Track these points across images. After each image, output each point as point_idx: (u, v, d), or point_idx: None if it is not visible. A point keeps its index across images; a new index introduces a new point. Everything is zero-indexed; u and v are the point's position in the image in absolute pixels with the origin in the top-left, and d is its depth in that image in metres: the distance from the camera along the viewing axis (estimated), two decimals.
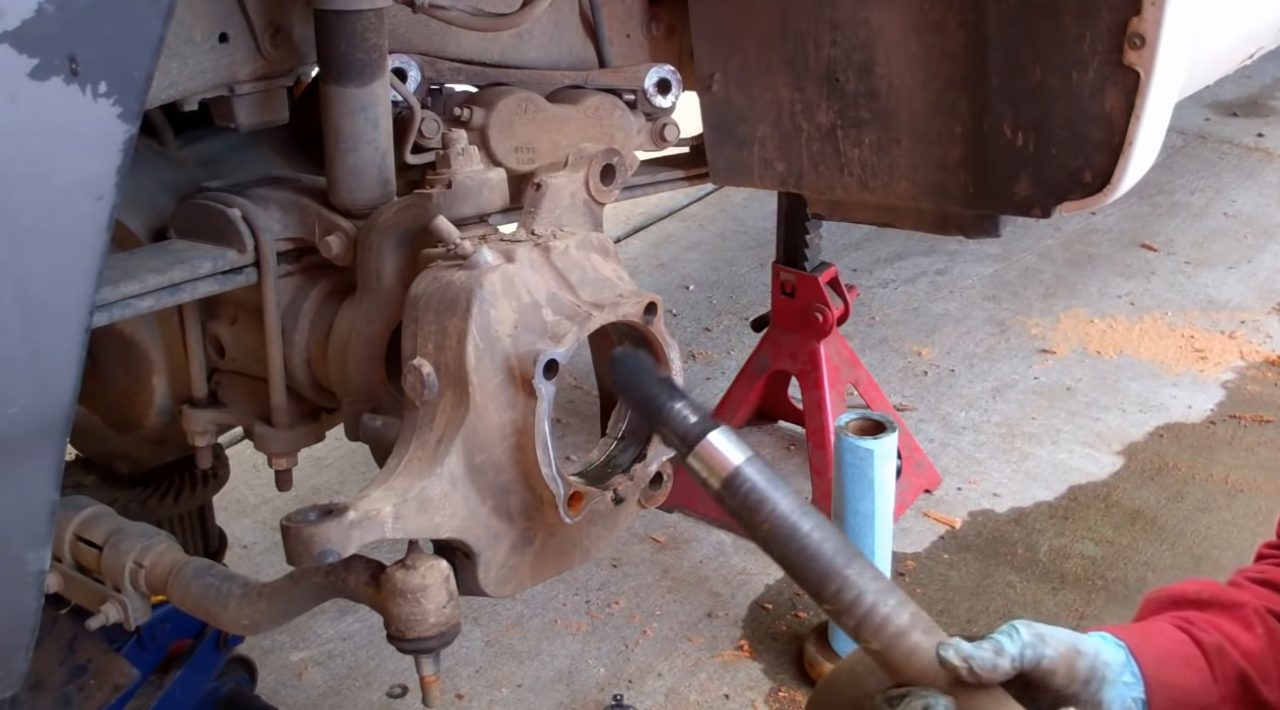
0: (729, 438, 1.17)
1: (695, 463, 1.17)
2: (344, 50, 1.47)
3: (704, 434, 1.17)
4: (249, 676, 2.26)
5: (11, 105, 0.97)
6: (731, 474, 1.15)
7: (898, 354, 3.80)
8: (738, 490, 1.15)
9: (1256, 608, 1.27)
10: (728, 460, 1.16)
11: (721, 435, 1.17)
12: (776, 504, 1.15)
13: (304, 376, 1.61)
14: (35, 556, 1.17)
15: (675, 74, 1.97)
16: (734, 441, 1.17)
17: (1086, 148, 1.76)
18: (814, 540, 1.14)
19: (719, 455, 1.16)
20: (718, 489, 1.16)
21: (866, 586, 1.15)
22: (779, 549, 1.16)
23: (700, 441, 1.17)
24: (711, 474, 1.16)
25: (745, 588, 2.79)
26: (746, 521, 1.16)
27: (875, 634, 1.16)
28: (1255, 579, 1.33)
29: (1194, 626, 1.25)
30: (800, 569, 1.15)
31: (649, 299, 1.42)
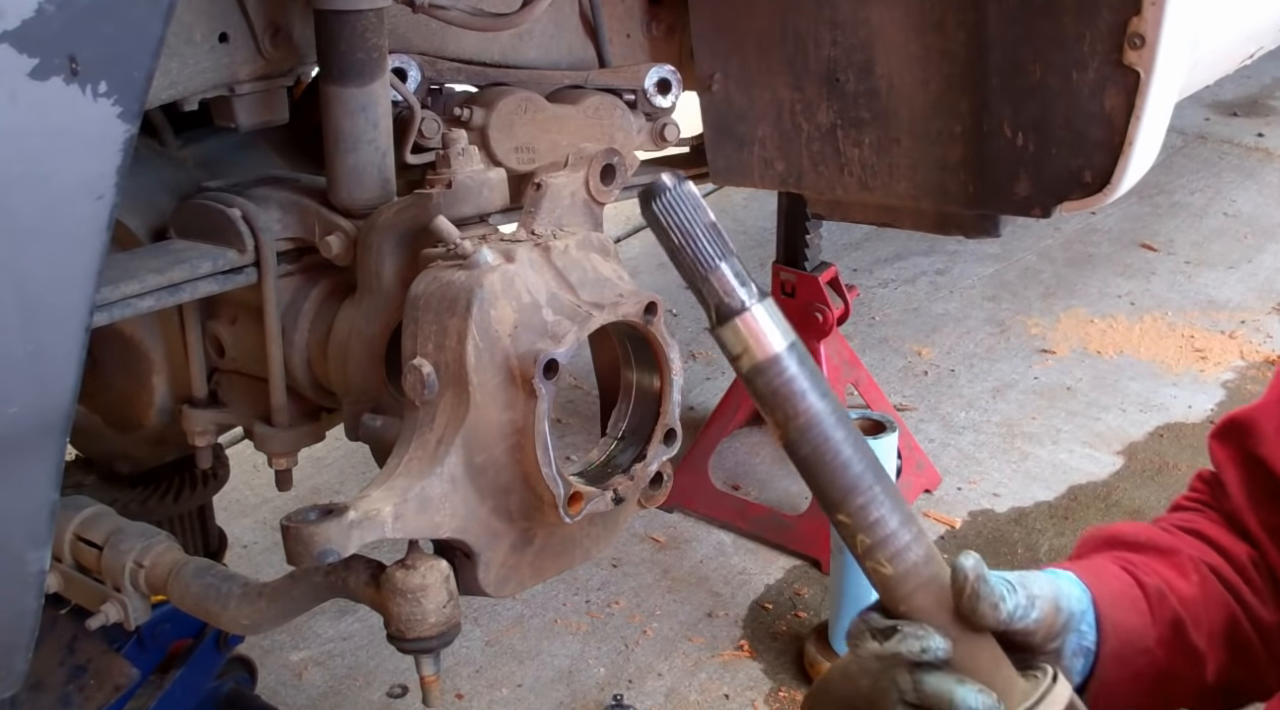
0: (773, 316, 1.06)
1: (729, 334, 1.06)
2: (344, 50, 1.47)
3: (744, 307, 1.05)
4: (249, 676, 2.26)
5: (11, 105, 0.97)
6: (770, 359, 1.05)
7: (898, 354, 3.80)
8: (775, 377, 1.05)
9: (1191, 556, 1.28)
10: (768, 342, 1.05)
11: (765, 311, 1.06)
12: (815, 402, 1.05)
13: (304, 376, 1.61)
14: (35, 556, 1.17)
15: (675, 74, 1.97)
16: (777, 321, 1.06)
17: (1086, 148, 1.76)
18: (847, 448, 1.06)
19: (759, 334, 1.05)
20: (749, 369, 1.06)
21: (892, 509, 1.09)
22: (807, 449, 1.07)
23: (742, 314, 1.05)
24: (746, 351, 1.05)
25: (745, 588, 2.79)
26: (775, 411, 1.06)
27: (890, 559, 1.09)
28: (1184, 527, 1.34)
29: (1137, 569, 1.26)
30: (826, 475, 1.07)
31: (649, 299, 1.42)
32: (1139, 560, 1.27)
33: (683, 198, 1.08)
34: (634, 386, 1.53)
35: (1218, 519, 1.34)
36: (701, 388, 3.61)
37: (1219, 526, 1.33)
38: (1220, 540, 1.30)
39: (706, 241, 1.07)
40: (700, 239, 1.07)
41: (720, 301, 1.06)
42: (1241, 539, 1.31)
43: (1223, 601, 1.25)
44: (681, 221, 1.08)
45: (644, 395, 1.52)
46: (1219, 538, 1.30)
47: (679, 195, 1.08)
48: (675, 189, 1.08)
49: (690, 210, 1.08)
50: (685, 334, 3.93)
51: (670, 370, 1.48)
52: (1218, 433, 1.36)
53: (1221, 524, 1.33)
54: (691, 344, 3.88)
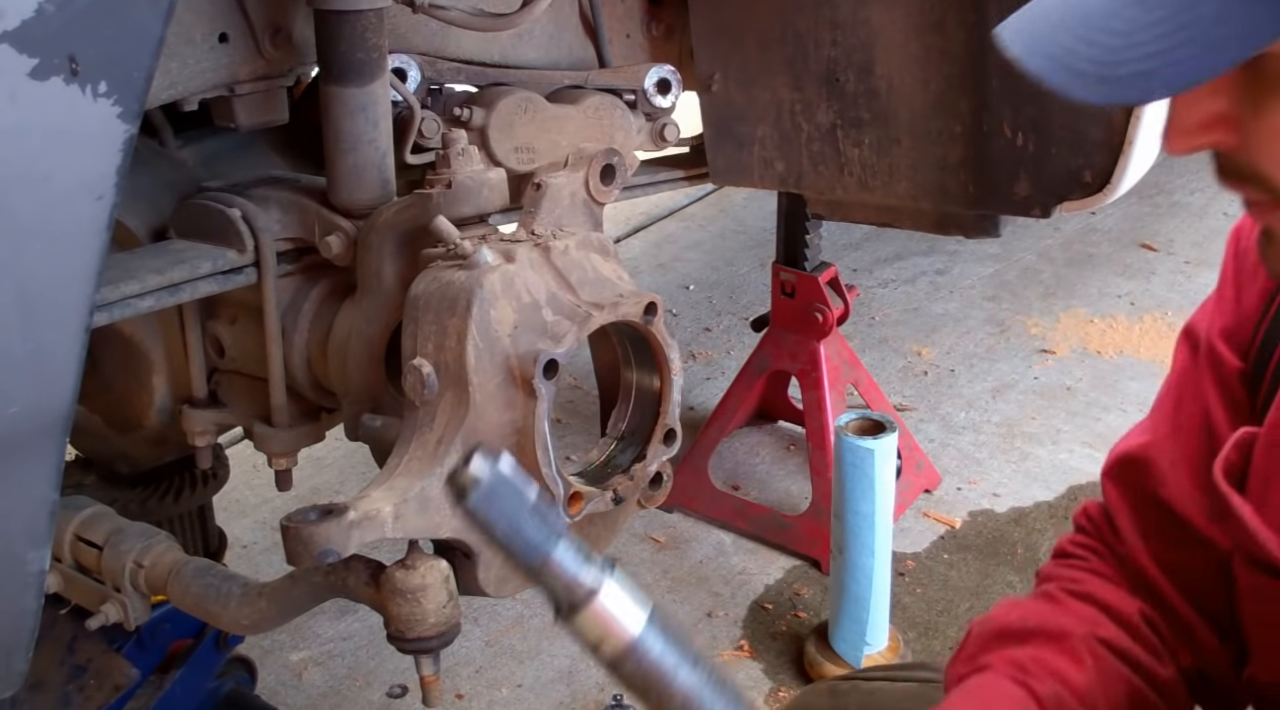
0: (623, 593, 0.95)
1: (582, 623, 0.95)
2: (344, 50, 1.47)
3: (593, 593, 0.95)
4: (249, 676, 2.26)
5: (11, 105, 0.97)
6: (632, 642, 0.95)
7: (898, 354, 3.80)
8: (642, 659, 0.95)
9: (1084, 636, 1.22)
10: (623, 627, 0.95)
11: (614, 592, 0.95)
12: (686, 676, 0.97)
13: (304, 376, 1.61)
14: (35, 556, 1.17)
15: (675, 74, 1.97)
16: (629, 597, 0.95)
17: (1086, 148, 1.76)
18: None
19: (612, 621, 0.95)
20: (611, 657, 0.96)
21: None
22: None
23: (590, 602, 0.95)
24: (604, 639, 0.95)
25: (745, 588, 2.79)
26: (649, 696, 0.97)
27: None
28: (1073, 592, 1.28)
29: (1030, 676, 1.19)
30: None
31: (649, 299, 1.42)
32: (1029, 657, 1.21)
33: (499, 483, 0.94)
34: (634, 386, 1.53)
35: (1107, 569, 1.28)
36: (701, 388, 3.61)
37: (1108, 582, 1.27)
38: (1110, 601, 1.24)
39: (534, 527, 0.95)
40: (525, 528, 0.95)
41: (564, 595, 0.95)
42: (1132, 592, 1.26)
43: (1120, 677, 1.20)
44: (501, 512, 0.95)
45: (644, 395, 1.52)
46: (1109, 598, 1.24)
47: (493, 484, 0.94)
48: (489, 476, 0.94)
49: (509, 497, 0.95)
50: (685, 334, 3.93)
51: (670, 370, 1.48)
52: (1111, 472, 1.29)
53: (1111, 576, 1.28)
54: (691, 344, 3.88)
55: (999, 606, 1.29)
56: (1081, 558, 1.32)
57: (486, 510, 0.93)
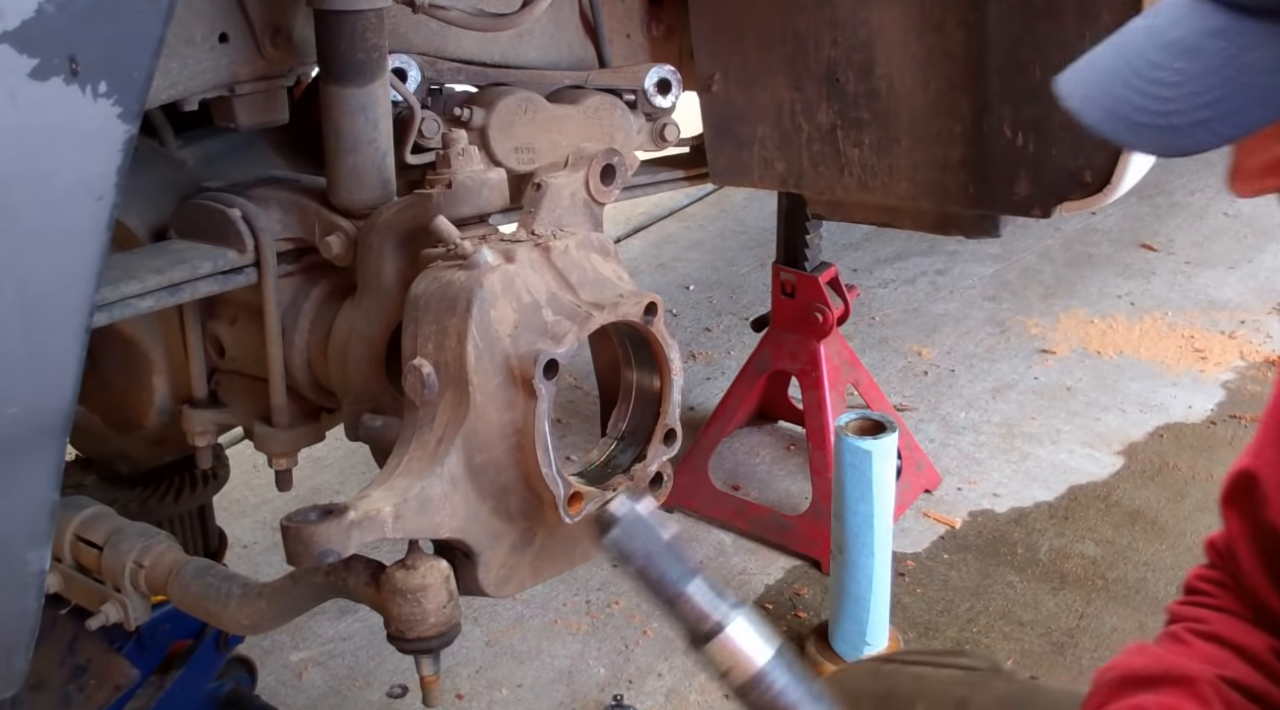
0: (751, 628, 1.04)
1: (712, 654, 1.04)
2: (344, 50, 1.47)
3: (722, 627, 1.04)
4: (249, 676, 2.26)
5: (11, 105, 0.97)
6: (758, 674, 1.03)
7: (898, 354, 3.80)
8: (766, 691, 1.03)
9: (1210, 680, 1.21)
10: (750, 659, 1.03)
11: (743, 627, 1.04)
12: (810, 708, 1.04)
13: (304, 376, 1.61)
14: (35, 556, 1.17)
15: (675, 74, 1.97)
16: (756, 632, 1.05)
17: (1086, 148, 1.76)
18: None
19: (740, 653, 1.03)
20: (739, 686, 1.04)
21: None
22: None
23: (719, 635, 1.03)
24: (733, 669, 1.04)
25: (745, 588, 2.79)
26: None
27: None
28: (1200, 632, 1.27)
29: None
30: None
31: (649, 299, 1.42)
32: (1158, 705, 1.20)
33: (637, 522, 1.05)
34: (634, 386, 1.53)
35: (1234, 604, 1.26)
36: (701, 388, 3.61)
37: (1236, 619, 1.25)
38: (1238, 640, 1.23)
39: (670, 563, 1.05)
40: (662, 564, 1.05)
41: (695, 626, 1.04)
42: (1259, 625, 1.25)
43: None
44: (641, 548, 1.05)
45: (644, 395, 1.52)
46: (1237, 637, 1.23)
47: (633, 523, 1.05)
48: (628, 514, 1.06)
49: (646, 535, 1.05)
50: (685, 334, 3.93)
51: (670, 370, 1.48)
52: (1228, 496, 1.27)
53: (1239, 611, 1.26)
54: (691, 344, 3.88)
55: (1125, 653, 1.27)
56: (1209, 594, 1.29)
57: (625, 546, 1.04)
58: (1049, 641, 2.57)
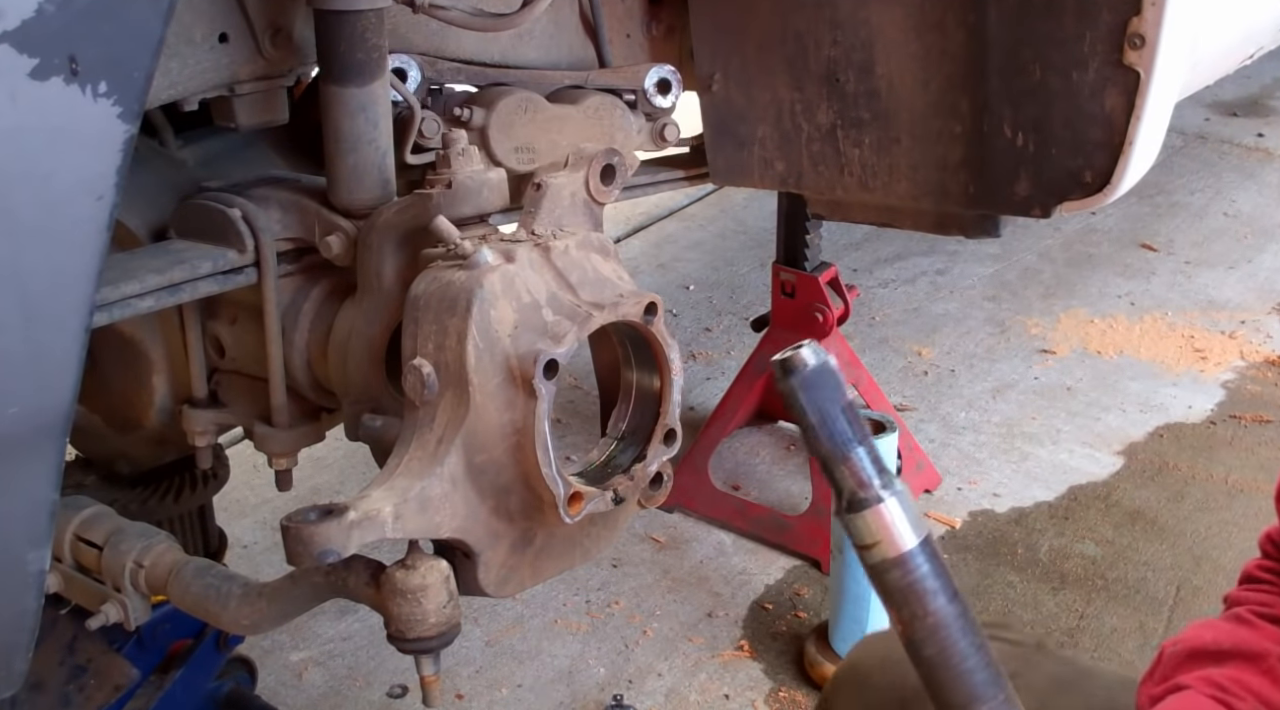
0: (907, 507, 1.04)
1: (860, 524, 1.04)
2: (344, 50, 1.47)
3: (880, 498, 1.03)
4: (249, 676, 2.26)
5: (11, 105, 0.97)
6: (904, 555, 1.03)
7: (898, 354, 3.80)
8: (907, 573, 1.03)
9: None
10: (901, 537, 1.03)
11: (900, 503, 1.03)
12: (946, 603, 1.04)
13: (304, 376, 1.61)
14: (35, 556, 1.17)
15: (675, 74, 1.97)
16: (911, 513, 1.04)
17: (1086, 148, 1.76)
18: (974, 656, 1.04)
19: (892, 527, 1.03)
20: (878, 562, 1.04)
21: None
22: (932, 650, 1.05)
23: (875, 505, 1.03)
24: (878, 544, 1.03)
25: (745, 588, 2.79)
26: (901, 605, 1.04)
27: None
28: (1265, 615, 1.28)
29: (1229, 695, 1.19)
30: (950, 679, 1.05)
31: (649, 299, 1.42)
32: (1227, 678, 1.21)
33: (823, 374, 1.03)
34: (634, 386, 1.53)
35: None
36: (701, 388, 3.60)
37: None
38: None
39: (845, 423, 1.03)
40: (838, 421, 1.03)
41: (854, 491, 1.03)
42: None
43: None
44: (820, 400, 1.03)
45: (644, 395, 1.52)
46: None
47: (819, 373, 1.03)
48: (816, 366, 1.03)
49: (830, 389, 1.03)
50: (685, 334, 3.93)
51: (670, 370, 1.48)
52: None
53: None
54: (691, 344, 3.88)
55: (1191, 628, 1.27)
56: (1269, 583, 1.30)
57: (805, 393, 1.02)
58: None
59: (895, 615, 1.05)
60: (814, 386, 1.03)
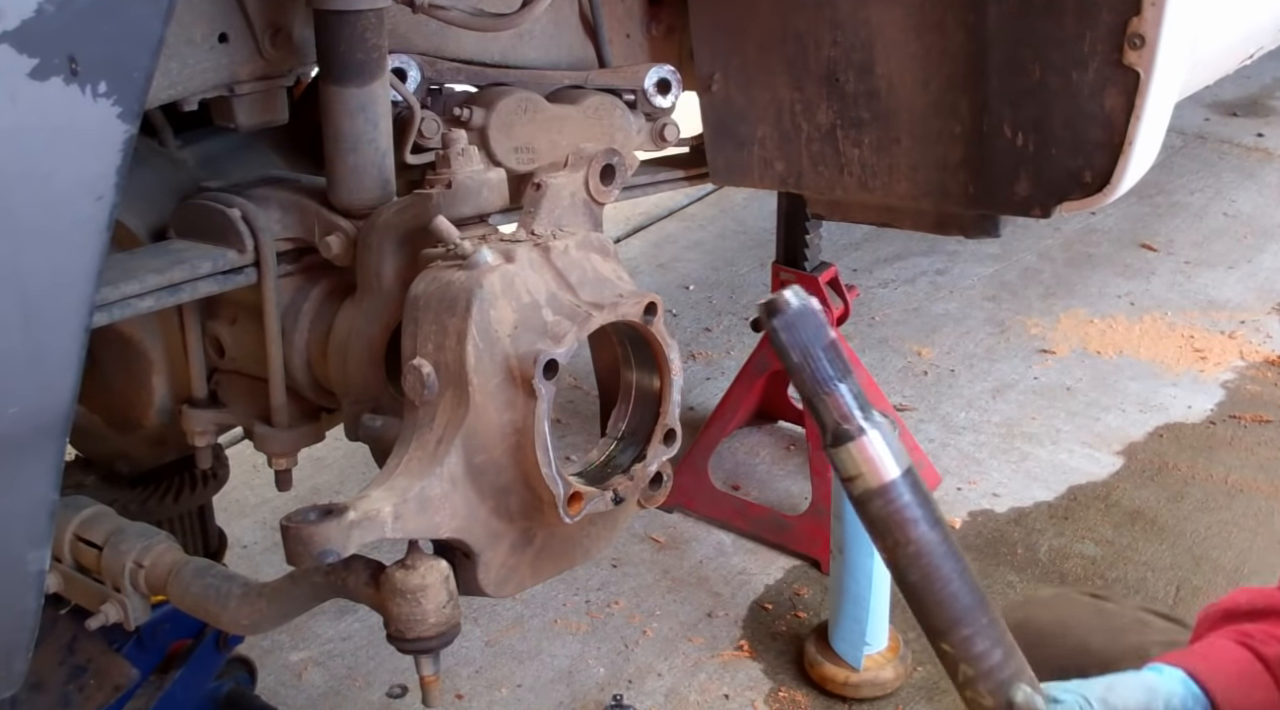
0: (889, 441, 1.08)
1: (844, 457, 1.08)
2: (344, 50, 1.47)
3: (863, 431, 1.08)
4: (249, 676, 2.26)
5: (11, 105, 0.97)
6: (886, 485, 1.07)
7: (898, 354, 3.79)
8: (889, 503, 1.07)
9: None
10: (884, 467, 1.08)
11: (882, 436, 1.08)
12: (927, 531, 1.08)
13: (304, 376, 1.61)
14: (35, 556, 1.17)
15: (675, 74, 1.97)
16: (893, 446, 1.09)
17: (1086, 148, 1.76)
18: (955, 579, 1.09)
19: (875, 459, 1.08)
20: (861, 493, 1.08)
21: (996, 643, 1.10)
22: (915, 575, 1.09)
23: (858, 438, 1.07)
24: (861, 475, 1.08)
25: (745, 588, 2.79)
26: (885, 535, 1.09)
27: (992, 692, 1.10)
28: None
29: (1254, 640, 1.22)
30: (933, 604, 1.10)
31: (649, 299, 1.42)
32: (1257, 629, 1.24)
33: (805, 315, 1.08)
34: (634, 386, 1.53)
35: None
36: (701, 388, 3.60)
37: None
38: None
39: (826, 362, 1.08)
40: (820, 359, 1.07)
41: (837, 424, 1.07)
42: None
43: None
44: (802, 339, 1.08)
45: (644, 395, 1.52)
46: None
47: (801, 312, 1.08)
48: (797, 306, 1.08)
49: (812, 329, 1.08)
50: (685, 334, 3.93)
51: (670, 370, 1.48)
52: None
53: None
54: (691, 344, 3.87)
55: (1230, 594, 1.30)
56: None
57: (788, 333, 1.07)
58: None
59: (880, 544, 1.09)
60: (796, 326, 1.07)
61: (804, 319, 1.08)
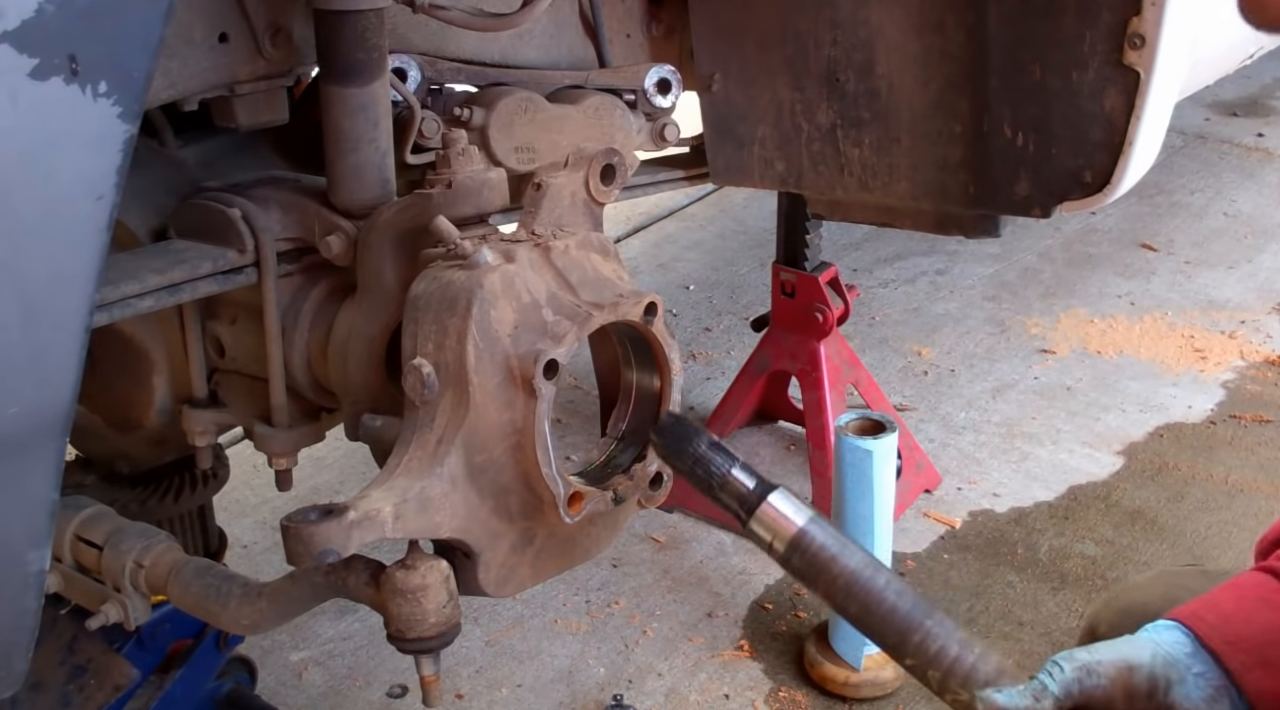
0: (789, 499, 1.19)
1: (757, 527, 1.18)
2: (344, 50, 1.47)
3: (763, 497, 1.18)
4: (249, 676, 2.26)
5: (11, 105, 0.97)
6: (796, 535, 1.17)
7: (898, 354, 3.79)
8: (805, 550, 1.17)
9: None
10: (791, 521, 1.18)
11: (781, 497, 1.19)
12: (848, 561, 1.16)
13: (304, 376, 1.61)
14: (35, 556, 1.17)
15: (675, 74, 1.97)
16: (794, 502, 1.19)
17: (1086, 148, 1.76)
18: (890, 595, 1.15)
19: (781, 517, 1.18)
20: (783, 552, 1.18)
21: (950, 638, 1.15)
22: (854, 605, 1.16)
23: (760, 505, 1.18)
24: (776, 537, 1.18)
25: (745, 588, 2.79)
26: (816, 580, 1.17)
27: (963, 684, 1.15)
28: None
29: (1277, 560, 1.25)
30: (879, 623, 1.16)
31: (649, 299, 1.42)
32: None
33: (681, 428, 1.24)
34: (634, 386, 1.53)
35: None
36: (701, 388, 3.60)
37: None
38: None
39: (711, 455, 1.21)
40: (705, 456, 1.21)
41: (739, 502, 1.19)
42: None
43: None
44: (685, 445, 1.22)
45: (644, 395, 1.52)
46: None
47: (677, 427, 1.24)
48: (669, 421, 1.26)
49: (691, 435, 1.22)
50: (685, 334, 3.93)
51: (670, 370, 1.48)
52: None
53: None
54: (691, 344, 3.87)
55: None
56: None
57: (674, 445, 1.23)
58: (1049, 641, 2.57)
59: (816, 590, 1.18)
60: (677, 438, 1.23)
61: (679, 429, 1.24)
